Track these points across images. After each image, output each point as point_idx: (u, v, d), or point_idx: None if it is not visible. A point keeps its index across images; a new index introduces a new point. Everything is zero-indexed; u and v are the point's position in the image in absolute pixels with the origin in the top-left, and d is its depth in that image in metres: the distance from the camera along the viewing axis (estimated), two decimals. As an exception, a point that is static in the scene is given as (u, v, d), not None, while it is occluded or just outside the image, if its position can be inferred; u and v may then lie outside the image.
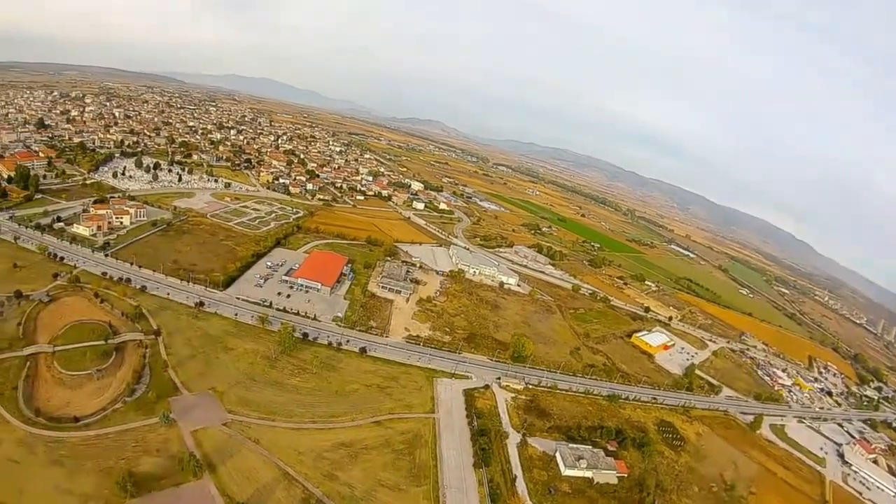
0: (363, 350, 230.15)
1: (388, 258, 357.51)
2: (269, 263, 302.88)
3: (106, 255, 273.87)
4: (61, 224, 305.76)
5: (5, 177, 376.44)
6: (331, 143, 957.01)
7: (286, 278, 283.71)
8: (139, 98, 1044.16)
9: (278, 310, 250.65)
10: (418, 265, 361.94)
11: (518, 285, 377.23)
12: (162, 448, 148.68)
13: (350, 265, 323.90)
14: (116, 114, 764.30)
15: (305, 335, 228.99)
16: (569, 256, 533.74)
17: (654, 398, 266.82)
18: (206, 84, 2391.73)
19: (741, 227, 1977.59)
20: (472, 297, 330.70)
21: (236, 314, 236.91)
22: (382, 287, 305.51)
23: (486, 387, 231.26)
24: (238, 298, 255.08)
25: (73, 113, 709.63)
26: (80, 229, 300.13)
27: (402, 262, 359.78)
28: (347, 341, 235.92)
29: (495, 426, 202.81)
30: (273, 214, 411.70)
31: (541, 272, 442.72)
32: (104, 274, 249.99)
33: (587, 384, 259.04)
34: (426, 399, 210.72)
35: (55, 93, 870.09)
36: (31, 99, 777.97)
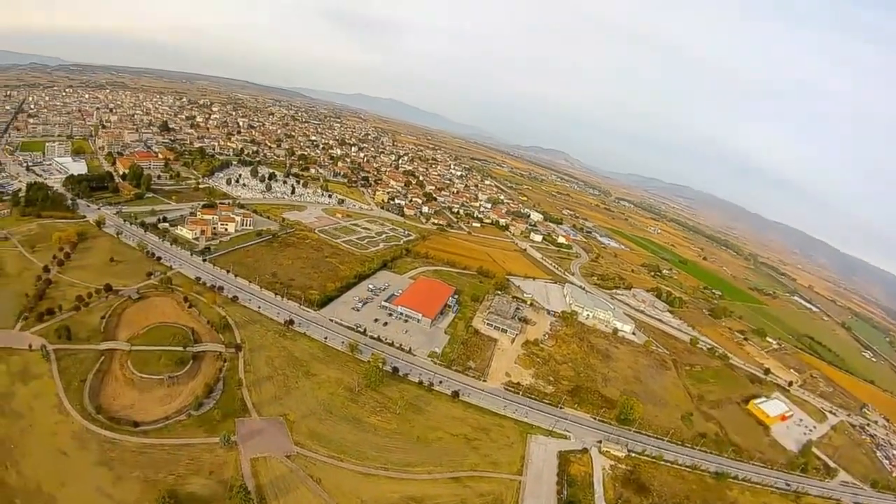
0: (455, 394, 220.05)
1: (499, 292, 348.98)
2: (370, 286, 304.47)
3: (204, 260, 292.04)
4: (166, 224, 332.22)
5: (120, 174, 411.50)
6: (452, 166, 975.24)
7: (386, 304, 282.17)
8: (265, 110, 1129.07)
9: (372, 338, 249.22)
10: (529, 302, 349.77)
11: (633, 333, 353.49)
12: (215, 471, 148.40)
13: (456, 296, 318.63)
14: (241, 123, 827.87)
15: (395, 370, 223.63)
16: (688, 304, 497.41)
17: (765, 479, 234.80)
18: (334, 101, 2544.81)
19: (866, 279, 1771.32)
20: (583, 343, 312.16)
21: (326, 338, 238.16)
22: (488, 324, 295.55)
23: (585, 450, 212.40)
24: (331, 320, 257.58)
25: (198, 119, 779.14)
26: (184, 232, 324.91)
27: (513, 297, 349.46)
28: (440, 381, 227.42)
29: (587, 499, 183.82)
30: (383, 235, 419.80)
31: (658, 320, 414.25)
32: (198, 279, 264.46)
33: (695, 457, 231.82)
34: (515, 458, 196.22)
35: (184, 99, 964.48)
36: (160, 103, 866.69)
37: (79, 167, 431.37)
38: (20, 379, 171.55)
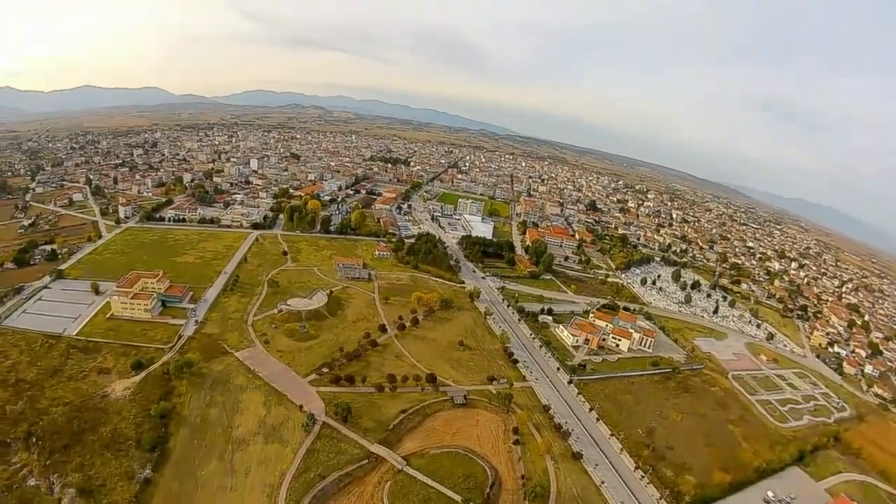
0: None
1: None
2: (769, 495, 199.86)
3: (570, 382, 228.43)
4: (548, 318, 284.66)
5: (524, 245, 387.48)
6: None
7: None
8: (703, 204, 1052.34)
9: None
10: None
11: None
12: None
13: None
14: (674, 215, 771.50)
15: None
16: None
17: None
18: (772, 204, 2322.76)
19: None
20: None
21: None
22: None
23: None
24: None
25: (630, 204, 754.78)
26: (563, 334, 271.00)
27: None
28: None
29: None
30: (811, 403, 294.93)
31: None
32: (546, 408, 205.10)
33: None
34: None
35: (620, 182, 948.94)
36: (595, 182, 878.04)
37: (485, 229, 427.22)
38: (265, 434, 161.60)
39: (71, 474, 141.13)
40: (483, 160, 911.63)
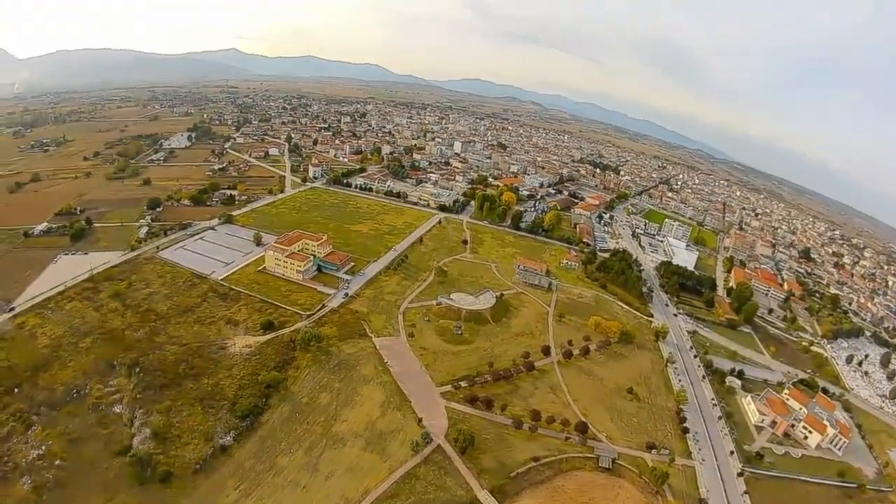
0: None
1: None
2: None
3: (740, 474, 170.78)
4: (735, 382, 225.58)
5: (726, 286, 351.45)
6: None
7: None
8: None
9: None
10: None
11: None
12: None
13: None
14: (889, 283, 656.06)
15: None
16: None
17: None
18: None
19: None
20: None
21: None
22: None
23: None
24: None
25: (846, 259, 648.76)
26: (750, 408, 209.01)
27: None
28: None
29: None
30: None
31: None
32: (703, 502, 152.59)
33: None
34: None
35: (837, 232, 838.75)
36: (810, 227, 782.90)
37: (688, 258, 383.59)
38: (368, 440, 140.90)
39: (155, 414, 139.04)
40: (696, 182, 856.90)
